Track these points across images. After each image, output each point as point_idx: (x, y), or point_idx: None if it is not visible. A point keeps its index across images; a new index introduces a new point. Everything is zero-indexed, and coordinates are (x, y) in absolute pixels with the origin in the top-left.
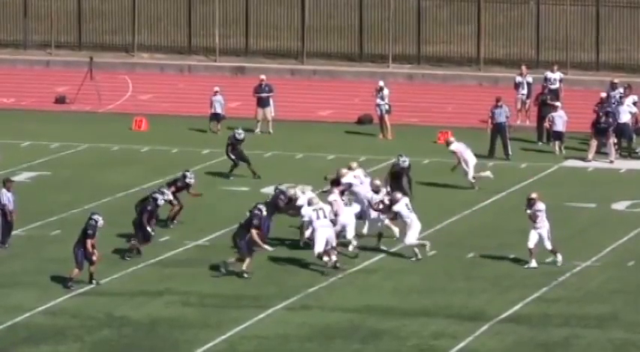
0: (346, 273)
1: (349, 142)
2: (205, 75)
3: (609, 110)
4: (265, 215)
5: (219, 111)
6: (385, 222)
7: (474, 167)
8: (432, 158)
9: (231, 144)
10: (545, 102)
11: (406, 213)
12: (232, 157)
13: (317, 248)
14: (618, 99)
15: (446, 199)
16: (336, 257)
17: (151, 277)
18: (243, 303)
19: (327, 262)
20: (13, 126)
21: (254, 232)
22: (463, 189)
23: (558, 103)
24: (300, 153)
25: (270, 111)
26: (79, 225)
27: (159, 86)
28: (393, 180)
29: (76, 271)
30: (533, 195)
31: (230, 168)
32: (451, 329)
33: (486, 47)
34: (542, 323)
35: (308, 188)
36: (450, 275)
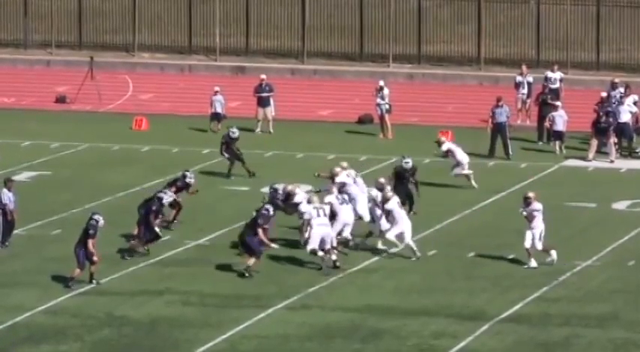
0: (346, 273)
1: (349, 142)
2: (206, 74)
3: (610, 110)
4: (273, 214)
5: (220, 110)
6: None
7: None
8: (433, 158)
9: (226, 143)
10: (545, 102)
11: (397, 211)
12: (227, 156)
13: (311, 244)
14: (619, 99)
15: (446, 199)
16: (336, 256)
17: (151, 277)
18: (244, 303)
19: (322, 258)
20: (13, 125)
21: (260, 231)
22: (463, 188)
23: (559, 103)
24: (300, 153)
25: (270, 111)
26: (79, 225)
27: (159, 86)
28: (396, 180)
29: (77, 271)
30: (530, 194)
31: (228, 168)
32: (451, 328)
33: (487, 47)
34: (542, 322)
35: (306, 188)
36: (451, 275)
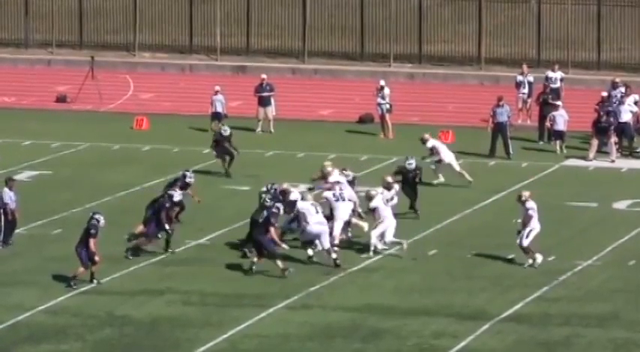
0: (347, 272)
1: (350, 141)
2: (206, 74)
3: (610, 109)
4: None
5: (220, 110)
6: (353, 220)
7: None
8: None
9: (216, 141)
10: (546, 102)
11: (382, 208)
12: (214, 154)
13: (304, 237)
14: (619, 99)
15: (446, 198)
16: (336, 254)
17: (151, 276)
18: (244, 302)
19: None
20: (14, 125)
21: (272, 231)
22: (464, 188)
23: (559, 102)
24: (301, 153)
25: (271, 111)
26: (80, 224)
27: (160, 85)
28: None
29: (81, 269)
30: (525, 193)
31: (223, 167)
32: (452, 328)
33: (487, 46)
34: (543, 322)
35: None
36: (451, 275)
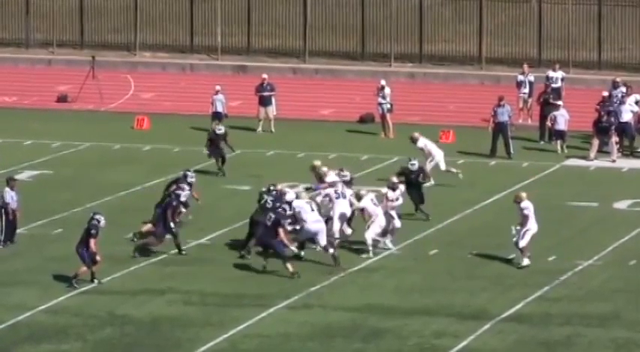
0: (348, 272)
1: (351, 141)
2: (207, 74)
3: (611, 109)
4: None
5: (221, 110)
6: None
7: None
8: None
9: (210, 140)
10: (547, 102)
11: (372, 209)
12: (207, 153)
13: (302, 236)
14: (620, 98)
15: (447, 198)
16: (334, 250)
17: (152, 276)
18: (245, 302)
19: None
20: (15, 124)
21: (282, 233)
22: (464, 188)
23: (560, 102)
24: (301, 152)
25: (272, 110)
26: (80, 224)
27: (161, 85)
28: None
29: (83, 268)
30: (522, 194)
31: (217, 167)
32: (453, 328)
33: (488, 46)
34: (543, 322)
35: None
36: (452, 274)
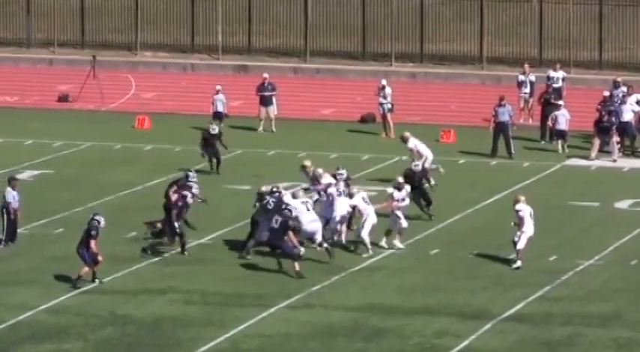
0: (349, 272)
1: (352, 141)
2: (208, 73)
3: (612, 109)
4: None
5: (221, 109)
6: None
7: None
8: (436, 156)
9: (204, 139)
10: (548, 102)
11: (363, 207)
12: (201, 152)
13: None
14: (621, 98)
15: (448, 198)
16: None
17: (153, 275)
18: (246, 302)
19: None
20: (16, 124)
21: (291, 234)
22: (465, 188)
23: (561, 102)
24: (302, 152)
25: (273, 110)
26: (81, 224)
27: (162, 85)
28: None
29: (86, 269)
30: (520, 196)
31: (210, 166)
32: (454, 327)
33: (489, 46)
34: (544, 321)
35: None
36: (453, 274)
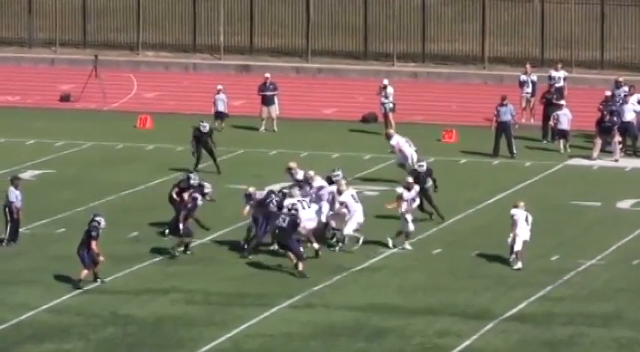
0: (350, 271)
1: (354, 140)
2: (210, 73)
3: (614, 108)
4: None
5: (222, 109)
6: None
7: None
8: (437, 156)
9: (196, 137)
10: (550, 102)
11: (351, 204)
12: (192, 150)
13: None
14: (623, 98)
15: (450, 198)
16: (318, 245)
17: (155, 275)
18: (248, 301)
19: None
20: (18, 124)
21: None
22: (467, 187)
23: (563, 102)
24: (304, 152)
25: (274, 110)
26: (83, 224)
27: (163, 84)
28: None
29: (85, 272)
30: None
31: (196, 164)
32: (456, 327)
33: (491, 45)
34: (546, 321)
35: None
36: (455, 274)
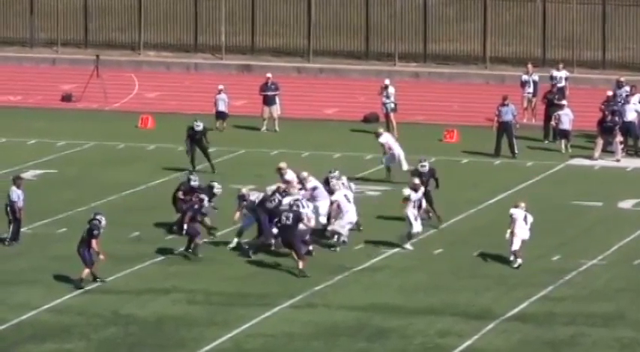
0: (352, 271)
1: (355, 140)
2: (211, 73)
3: (615, 108)
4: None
5: (223, 109)
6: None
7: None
8: (438, 156)
9: (190, 136)
10: (552, 103)
11: (344, 203)
12: (186, 149)
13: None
14: (624, 98)
15: (451, 197)
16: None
17: (156, 275)
18: (249, 301)
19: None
20: (19, 123)
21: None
22: (468, 187)
23: (564, 102)
24: (306, 152)
25: (276, 110)
26: (84, 224)
27: (165, 84)
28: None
29: (86, 271)
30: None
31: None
32: (457, 327)
33: (492, 45)
34: (548, 321)
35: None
36: (456, 274)
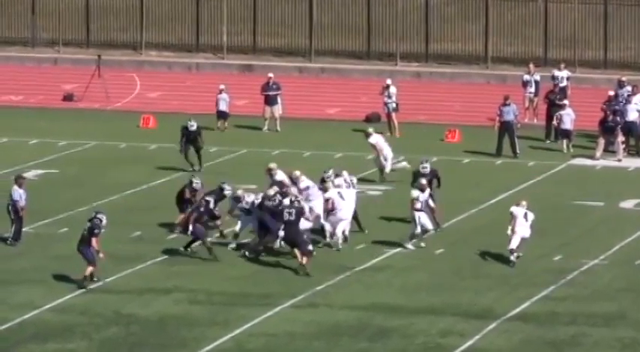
0: (353, 271)
1: (357, 140)
2: (213, 73)
3: (617, 108)
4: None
5: (225, 109)
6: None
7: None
8: (440, 156)
9: (185, 136)
10: (554, 103)
11: (338, 201)
12: (180, 148)
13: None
14: (626, 98)
15: (452, 197)
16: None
17: (158, 275)
18: (251, 301)
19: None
20: (21, 123)
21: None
22: (469, 187)
23: (566, 101)
24: (307, 151)
25: (277, 109)
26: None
27: (167, 84)
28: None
29: (90, 268)
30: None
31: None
32: (459, 327)
33: (494, 45)
34: (549, 321)
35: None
36: (458, 273)
